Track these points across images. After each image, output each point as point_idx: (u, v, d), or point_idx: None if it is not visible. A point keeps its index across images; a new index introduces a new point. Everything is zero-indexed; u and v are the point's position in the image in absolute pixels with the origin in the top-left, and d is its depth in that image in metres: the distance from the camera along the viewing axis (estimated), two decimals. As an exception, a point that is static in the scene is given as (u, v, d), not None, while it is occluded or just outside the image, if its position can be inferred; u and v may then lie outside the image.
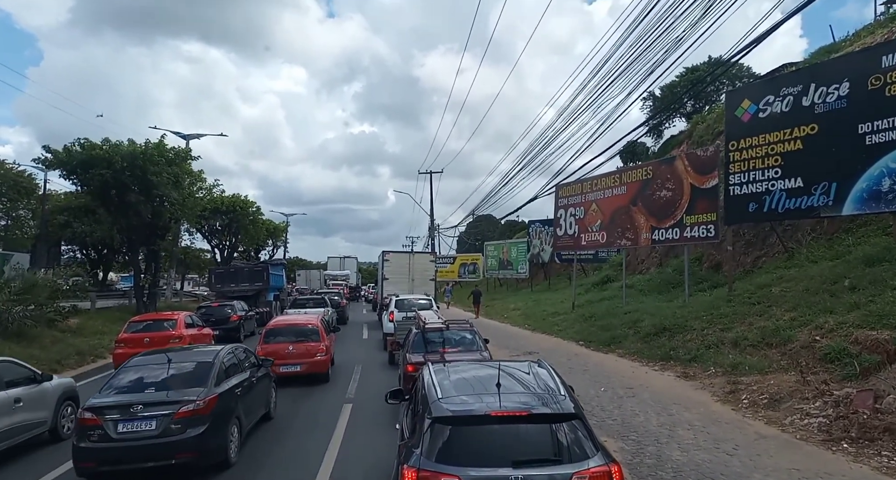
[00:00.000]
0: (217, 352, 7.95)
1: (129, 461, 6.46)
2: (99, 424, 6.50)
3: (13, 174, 30.51)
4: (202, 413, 6.71)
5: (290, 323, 14.11)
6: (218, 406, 6.98)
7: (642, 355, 13.09)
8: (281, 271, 33.53)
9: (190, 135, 33.69)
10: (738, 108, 13.75)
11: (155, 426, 6.52)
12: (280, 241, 54.60)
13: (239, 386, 7.86)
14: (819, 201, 11.92)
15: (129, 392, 6.93)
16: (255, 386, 8.60)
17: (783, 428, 7.58)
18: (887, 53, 10.80)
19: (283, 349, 12.25)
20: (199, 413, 6.68)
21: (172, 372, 7.35)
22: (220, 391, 7.18)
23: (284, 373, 11.50)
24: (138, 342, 13.99)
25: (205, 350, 8.74)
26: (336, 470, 6.80)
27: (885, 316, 9.03)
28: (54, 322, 17.36)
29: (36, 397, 8.22)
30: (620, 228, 18.85)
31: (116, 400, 6.75)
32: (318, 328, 13.26)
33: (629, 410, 8.88)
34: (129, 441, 6.48)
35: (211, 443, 6.78)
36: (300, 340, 12.72)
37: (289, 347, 12.40)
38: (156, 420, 6.55)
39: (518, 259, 41.29)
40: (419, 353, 9.48)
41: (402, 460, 4.24)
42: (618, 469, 3.97)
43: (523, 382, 4.79)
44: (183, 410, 6.62)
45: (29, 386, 8.21)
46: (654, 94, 34.92)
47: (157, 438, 6.48)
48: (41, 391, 8.39)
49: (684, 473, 6.23)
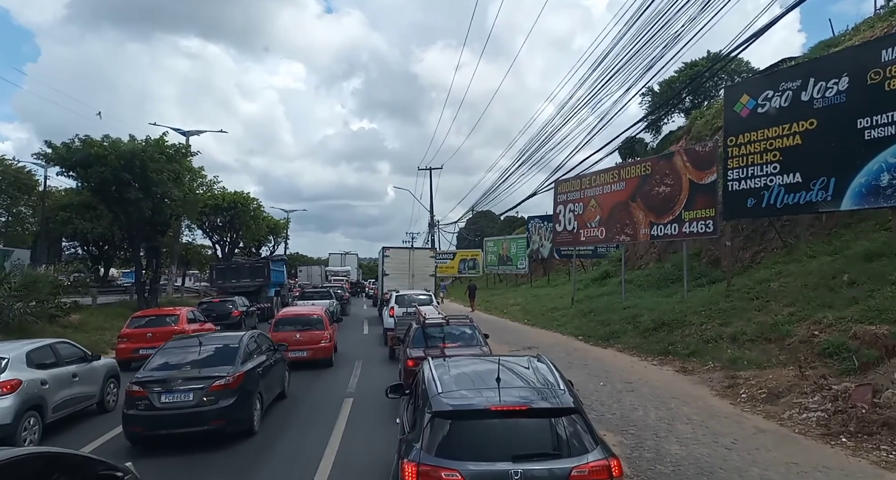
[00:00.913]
0: (241, 337, 9.11)
1: (170, 426, 7.52)
2: (145, 395, 7.63)
3: (13, 170, 30.52)
4: (231, 387, 7.83)
5: (298, 313, 15.46)
6: (244, 381, 8.09)
7: (641, 350, 13.13)
8: (282, 267, 33.80)
9: (190, 132, 33.58)
10: (737, 104, 13.74)
11: (192, 397, 7.65)
12: (281, 238, 54.55)
13: (260, 366, 8.95)
14: (818, 196, 11.93)
15: (169, 369, 8.10)
16: (273, 368, 9.68)
17: (782, 423, 7.62)
18: (887, 48, 10.78)
19: (291, 336, 13.15)
20: (228, 387, 7.79)
21: (204, 353, 8.51)
22: (245, 369, 8.28)
23: (292, 359, 12.10)
24: (141, 337, 14.05)
25: (230, 335, 9.91)
26: (337, 464, 6.83)
27: (884, 310, 9.06)
28: (55, 317, 17.41)
29: (88, 373, 9.52)
30: (619, 224, 18.86)
31: (159, 375, 7.93)
32: (322, 318, 14.45)
33: (628, 404, 8.92)
34: (171, 409, 7.58)
35: (238, 413, 7.87)
36: (306, 329, 13.88)
37: (296, 335, 13.44)
38: (192, 392, 7.67)
39: (517, 254, 41.33)
40: (419, 348, 9.52)
41: (402, 454, 4.27)
42: (617, 463, 4.00)
43: (523, 377, 4.82)
44: (215, 384, 7.74)
45: (81, 363, 9.49)
46: (653, 90, 34.89)
47: (193, 408, 7.60)
48: (92, 368, 9.70)
49: (683, 467, 6.27)
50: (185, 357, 8.42)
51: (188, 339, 9.39)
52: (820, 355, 9.07)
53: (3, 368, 7.88)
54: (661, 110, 32.05)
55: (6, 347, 8.64)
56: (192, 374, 7.90)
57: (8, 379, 7.78)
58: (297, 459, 7.18)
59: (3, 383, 7.70)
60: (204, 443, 7.59)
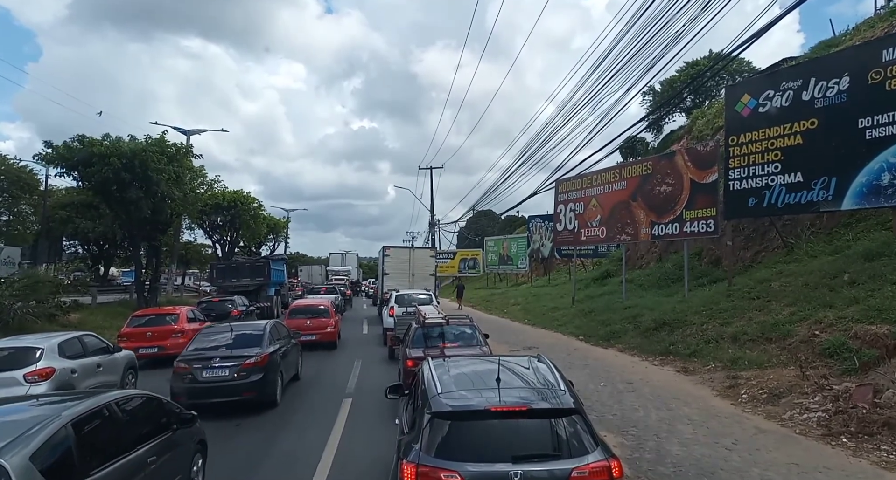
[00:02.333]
0: (265, 325, 10.81)
1: (210, 396, 8.94)
2: (189, 371, 9.21)
3: (15, 170, 30.50)
4: (260, 364, 9.48)
5: (308, 304, 18.47)
6: (269, 361, 9.68)
7: (642, 350, 13.11)
8: (282, 266, 33.76)
9: (190, 131, 33.57)
10: (738, 103, 13.73)
11: (228, 373, 9.25)
12: (281, 237, 54.53)
13: (280, 349, 10.47)
14: (819, 196, 11.91)
15: (208, 349, 9.78)
16: (290, 352, 11.29)
17: (782, 423, 7.60)
18: (887, 47, 10.78)
19: (303, 323, 15.90)
20: (257, 365, 9.45)
21: (236, 337, 10.17)
22: (269, 351, 9.88)
23: (304, 341, 13.67)
24: (140, 336, 14.02)
25: (256, 323, 11.80)
26: (335, 465, 6.81)
27: (885, 310, 9.04)
28: (55, 317, 17.40)
29: (110, 364, 10.39)
30: (620, 223, 18.84)
31: (200, 354, 9.57)
32: (328, 308, 17.67)
33: (629, 405, 8.91)
34: (210, 383, 9.17)
35: (265, 387, 9.51)
36: (315, 317, 16.87)
37: (307, 322, 16.26)
38: (228, 369, 9.28)
39: (518, 254, 41.32)
40: (419, 348, 9.49)
41: (401, 455, 4.25)
42: (617, 463, 3.97)
43: (523, 377, 4.79)
44: (246, 362, 9.36)
45: (105, 354, 10.37)
46: (654, 89, 34.85)
47: (229, 381, 9.21)
48: (113, 359, 10.59)
49: (684, 468, 6.25)
50: (219, 340, 10.12)
51: (221, 327, 11.28)
52: (821, 355, 9.06)
53: (39, 358, 8.77)
54: (663, 110, 32.00)
55: (40, 338, 9.58)
56: (227, 354, 9.56)
57: (43, 367, 8.67)
58: (296, 460, 7.15)
59: (38, 371, 8.59)
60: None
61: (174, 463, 5.38)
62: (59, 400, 4.68)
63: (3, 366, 8.57)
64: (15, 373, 8.45)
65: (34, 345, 9.09)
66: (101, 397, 4.77)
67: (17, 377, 8.43)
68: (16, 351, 8.97)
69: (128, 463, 4.49)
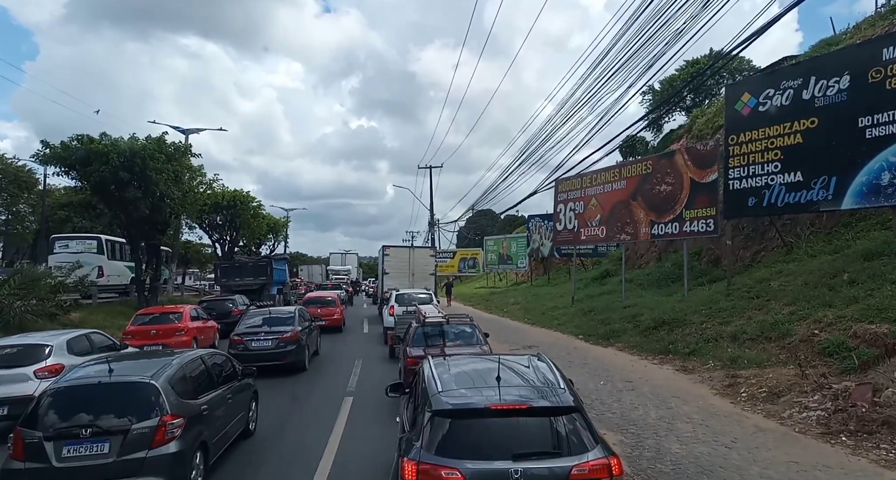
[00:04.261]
0: (295, 310, 14.36)
1: (259, 361, 11.17)
2: (242, 342, 12.62)
3: (13, 169, 30.48)
4: (293, 338, 12.76)
5: (319, 296, 23.78)
6: (300, 335, 13.06)
7: (641, 349, 13.12)
8: (284, 266, 34.44)
9: (189, 130, 33.57)
10: (738, 102, 13.73)
11: (271, 343, 12.57)
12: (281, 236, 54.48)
13: (306, 328, 13.77)
14: (819, 195, 11.92)
15: (255, 326, 13.15)
16: (312, 331, 14.62)
17: (782, 422, 7.61)
18: (888, 46, 10.77)
19: (314, 311, 18.91)
20: (292, 338, 12.73)
21: (273, 318, 13.46)
22: (299, 329, 13.17)
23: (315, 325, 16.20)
24: (145, 334, 14.19)
25: (288, 308, 15.42)
26: (336, 463, 6.82)
27: (884, 309, 9.05)
28: (56, 316, 17.37)
29: None
30: (620, 223, 18.85)
31: (250, 330, 13.01)
32: (335, 299, 22.56)
33: (628, 403, 8.92)
34: (258, 350, 12.42)
35: (297, 355, 12.81)
36: (325, 306, 21.09)
37: (318, 309, 19.84)
38: (271, 340, 12.61)
39: (518, 253, 41.31)
40: (419, 347, 9.49)
41: (402, 453, 4.27)
42: (617, 461, 3.99)
43: (523, 376, 4.80)
44: (283, 336, 12.68)
45: (111, 351, 10.21)
46: (654, 88, 34.82)
47: (272, 350, 12.49)
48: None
49: (683, 466, 6.26)
50: (261, 320, 13.42)
51: (261, 310, 14.79)
52: (820, 354, 9.06)
53: (48, 355, 9.05)
54: (662, 108, 31.97)
55: (49, 336, 9.93)
56: (268, 330, 12.85)
57: (52, 364, 8.89)
58: (297, 458, 7.17)
59: (48, 367, 8.81)
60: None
61: (240, 402, 7.75)
62: (170, 354, 7.12)
63: (13, 363, 8.76)
64: (25, 370, 8.65)
65: (43, 342, 9.34)
66: (195, 352, 7.39)
67: (28, 373, 8.63)
68: (25, 348, 9.21)
69: (216, 396, 6.87)
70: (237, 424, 7.48)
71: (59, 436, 5.34)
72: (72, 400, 5.65)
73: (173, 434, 5.57)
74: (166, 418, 5.55)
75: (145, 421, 5.48)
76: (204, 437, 6.18)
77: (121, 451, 5.34)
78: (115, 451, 5.34)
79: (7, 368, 8.58)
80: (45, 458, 5.26)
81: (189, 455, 5.75)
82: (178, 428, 5.62)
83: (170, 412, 5.60)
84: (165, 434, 5.50)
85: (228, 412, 7.14)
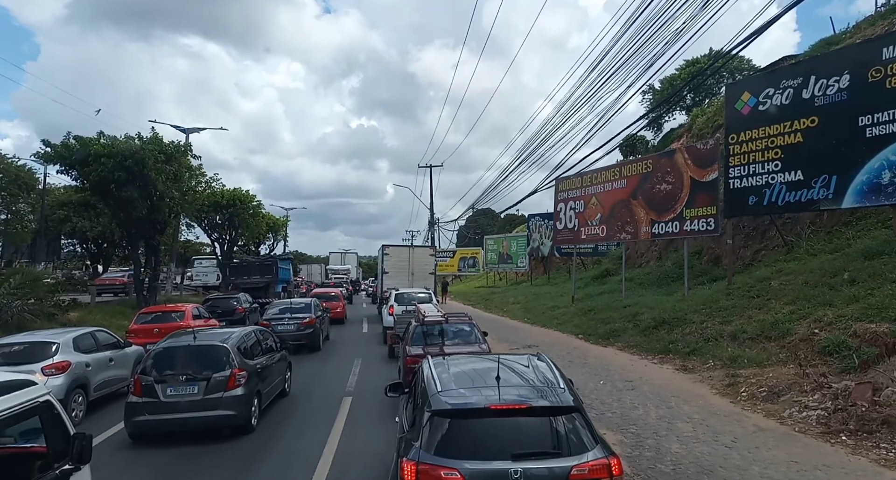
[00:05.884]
0: (311, 300, 17.94)
1: (284, 341, 11.35)
2: (269, 326, 14.44)
3: (13, 168, 30.40)
4: (311, 323, 16.06)
5: (324, 291, 27.18)
6: (316, 321, 16.32)
7: (641, 348, 13.10)
8: (288, 265, 36.41)
9: (189, 129, 33.54)
10: (738, 101, 13.71)
11: (293, 327, 15.65)
12: (280, 235, 54.39)
13: (320, 316, 16.95)
14: (819, 194, 11.90)
15: (279, 313, 16.35)
16: (325, 319, 18.14)
17: (782, 421, 7.59)
18: (888, 45, 10.76)
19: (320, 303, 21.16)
20: (310, 323, 16.03)
21: (294, 307, 16.60)
22: (315, 315, 16.48)
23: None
24: (148, 332, 14.25)
25: (305, 299, 18.89)
26: (336, 463, 6.82)
27: (884, 308, 9.03)
28: (54, 316, 17.35)
29: (121, 358, 10.93)
30: (620, 222, 18.83)
31: (275, 316, 16.18)
32: (338, 294, 25.89)
33: (628, 403, 8.90)
34: (284, 333, 14.19)
35: (315, 336, 16.16)
36: (329, 300, 23.00)
37: (323, 303, 20.56)
38: (293, 324, 15.79)
39: (518, 253, 41.27)
40: (419, 346, 9.49)
41: (401, 453, 4.25)
42: (617, 461, 3.97)
43: (523, 375, 4.78)
44: (303, 321, 15.97)
45: (116, 349, 10.91)
46: (654, 87, 34.78)
47: (295, 332, 15.41)
48: (124, 354, 11.13)
49: (683, 465, 6.25)
50: (284, 309, 16.55)
51: (282, 301, 18.52)
52: (820, 353, 9.05)
53: (55, 352, 9.26)
54: (662, 108, 31.92)
55: (55, 334, 10.13)
56: (290, 316, 16.02)
57: (59, 361, 9.16)
58: (296, 458, 7.16)
59: (55, 364, 9.07)
60: (205, 442, 7.66)
61: (279, 369, 10.05)
62: (230, 329, 10.01)
63: (21, 360, 8.91)
64: (33, 366, 8.72)
65: (50, 340, 9.56)
66: (249, 327, 10.36)
67: (35, 370, 8.67)
68: (32, 345, 9.42)
69: (265, 360, 9.21)
70: (278, 384, 9.89)
71: (163, 380, 7.70)
72: (171, 357, 8.05)
73: (240, 382, 7.93)
74: (236, 370, 7.93)
75: (221, 372, 7.87)
76: (259, 387, 8.51)
77: (206, 391, 7.71)
78: (202, 391, 7.71)
79: (15, 365, 8.62)
80: (154, 394, 7.63)
81: (251, 397, 8.10)
82: (243, 378, 7.99)
83: (238, 366, 8.00)
84: (235, 382, 7.87)
85: (273, 374, 9.48)
